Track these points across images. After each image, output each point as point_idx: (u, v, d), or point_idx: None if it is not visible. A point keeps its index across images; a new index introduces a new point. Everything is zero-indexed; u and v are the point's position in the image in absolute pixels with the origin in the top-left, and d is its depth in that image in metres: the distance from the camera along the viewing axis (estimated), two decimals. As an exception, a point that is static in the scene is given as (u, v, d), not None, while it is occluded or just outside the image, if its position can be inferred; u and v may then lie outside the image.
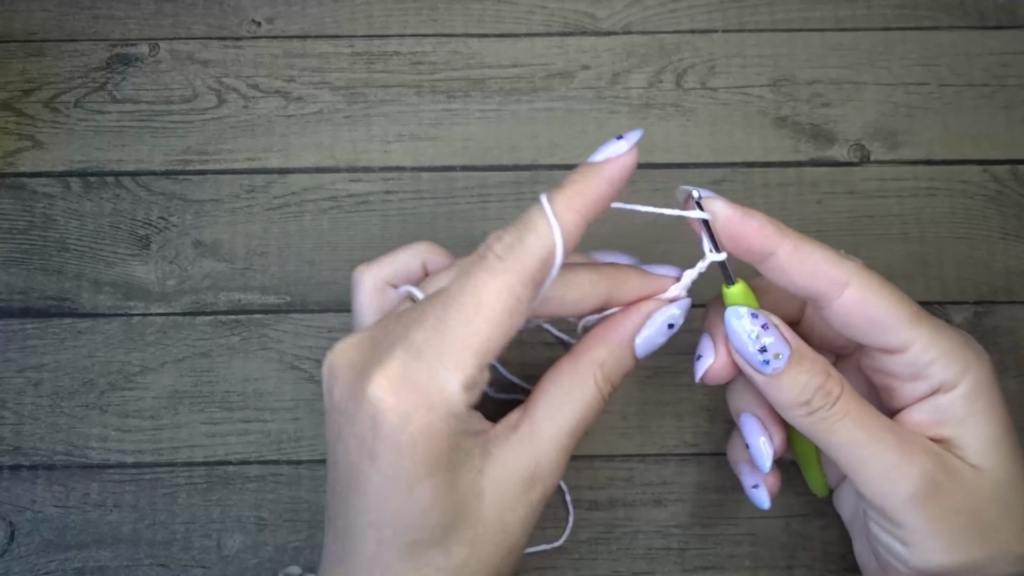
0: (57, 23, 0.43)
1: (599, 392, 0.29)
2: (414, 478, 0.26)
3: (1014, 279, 0.41)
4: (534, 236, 0.27)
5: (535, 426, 0.28)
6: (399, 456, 0.26)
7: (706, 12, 0.44)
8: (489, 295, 0.26)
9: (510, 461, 0.28)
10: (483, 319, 0.26)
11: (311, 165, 0.42)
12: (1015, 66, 0.43)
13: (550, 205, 0.27)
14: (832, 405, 0.29)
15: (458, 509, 0.27)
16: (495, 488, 0.27)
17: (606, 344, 0.30)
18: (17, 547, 0.38)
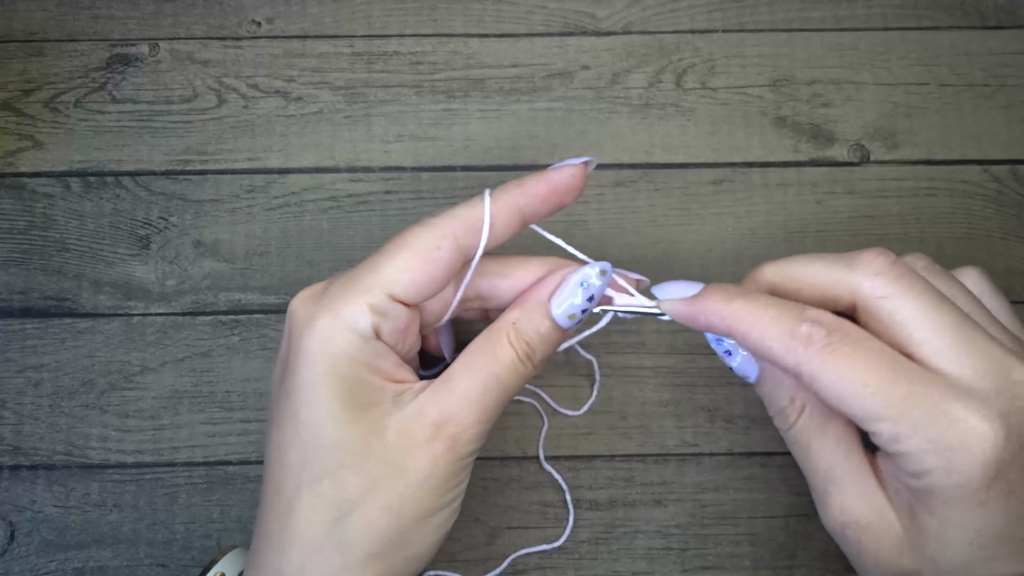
0: (57, 23, 0.43)
1: (512, 350, 0.30)
2: (315, 391, 0.28)
3: (1014, 279, 0.41)
4: (465, 206, 0.30)
5: (448, 382, 0.29)
6: (304, 364, 0.28)
7: (706, 12, 0.44)
8: (411, 239, 0.29)
9: (419, 409, 0.29)
10: (399, 257, 0.29)
11: (311, 165, 0.42)
12: (1015, 66, 0.43)
13: (492, 192, 0.30)
14: (787, 430, 0.30)
15: (355, 441, 0.28)
16: (400, 431, 0.28)
17: (519, 305, 0.31)
18: (17, 547, 0.38)
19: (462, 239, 0.29)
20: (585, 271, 0.30)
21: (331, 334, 0.28)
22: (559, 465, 0.39)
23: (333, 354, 0.28)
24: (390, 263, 0.29)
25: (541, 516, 0.38)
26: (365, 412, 0.28)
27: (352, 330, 0.28)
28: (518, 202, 0.30)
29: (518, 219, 0.30)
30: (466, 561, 0.38)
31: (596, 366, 0.39)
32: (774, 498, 0.39)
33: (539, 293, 0.31)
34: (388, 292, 0.29)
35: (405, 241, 0.29)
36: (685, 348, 0.40)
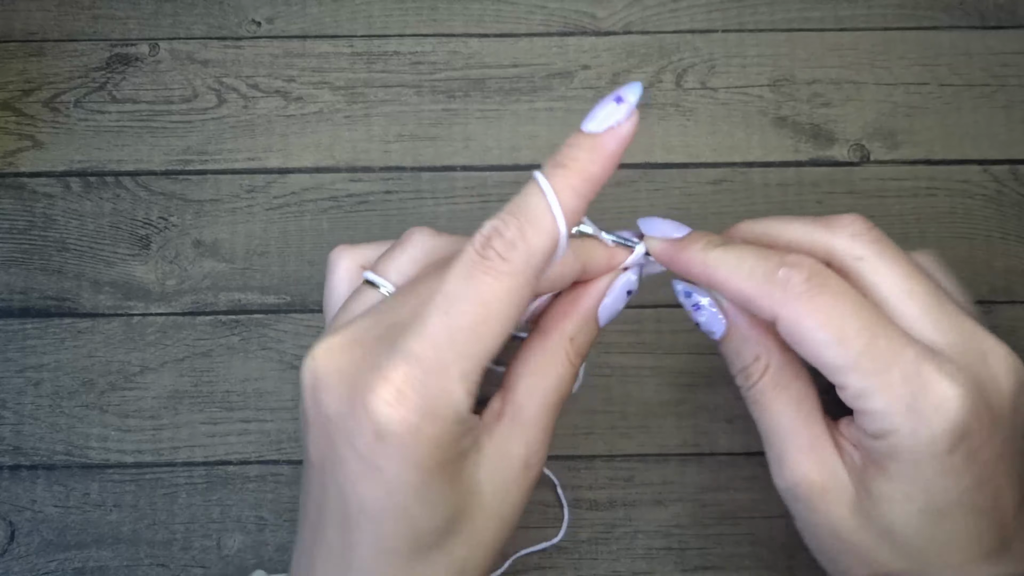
0: (57, 23, 0.43)
1: (571, 366, 0.29)
2: (421, 488, 0.25)
3: (1014, 279, 0.41)
4: (537, 231, 0.25)
5: (518, 411, 0.28)
6: (407, 469, 0.25)
7: (706, 12, 0.44)
8: (494, 300, 0.25)
9: (503, 450, 0.27)
10: (487, 326, 0.25)
11: (311, 165, 0.42)
12: (1015, 66, 0.43)
13: (550, 186, 0.25)
14: (748, 388, 0.29)
15: (459, 508, 0.26)
16: (491, 479, 0.27)
17: (573, 317, 0.29)
18: (17, 547, 0.38)
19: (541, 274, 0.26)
20: (629, 277, 0.30)
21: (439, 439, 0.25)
22: (559, 465, 0.39)
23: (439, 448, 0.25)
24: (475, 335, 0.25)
25: (541, 516, 0.38)
26: (460, 475, 0.26)
27: (456, 423, 0.25)
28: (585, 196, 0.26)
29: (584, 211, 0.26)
30: (466, 561, 0.38)
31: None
32: (774, 498, 0.38)
33: (590, 303, 0.29)
34: (482, 369, 0.25)
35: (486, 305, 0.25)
36: (685, 348, 0.40)
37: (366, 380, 0.24)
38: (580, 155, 0.25)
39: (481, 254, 0.25)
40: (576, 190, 0.25)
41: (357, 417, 0.24)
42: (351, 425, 0.25)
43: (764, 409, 0.29)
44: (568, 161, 0.26)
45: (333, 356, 0.26)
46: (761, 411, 0.30)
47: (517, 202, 0.26)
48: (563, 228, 0.25)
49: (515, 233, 0.25)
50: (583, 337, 0.29)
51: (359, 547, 0.26)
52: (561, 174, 0.25)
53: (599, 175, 0.26)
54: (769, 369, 0.29)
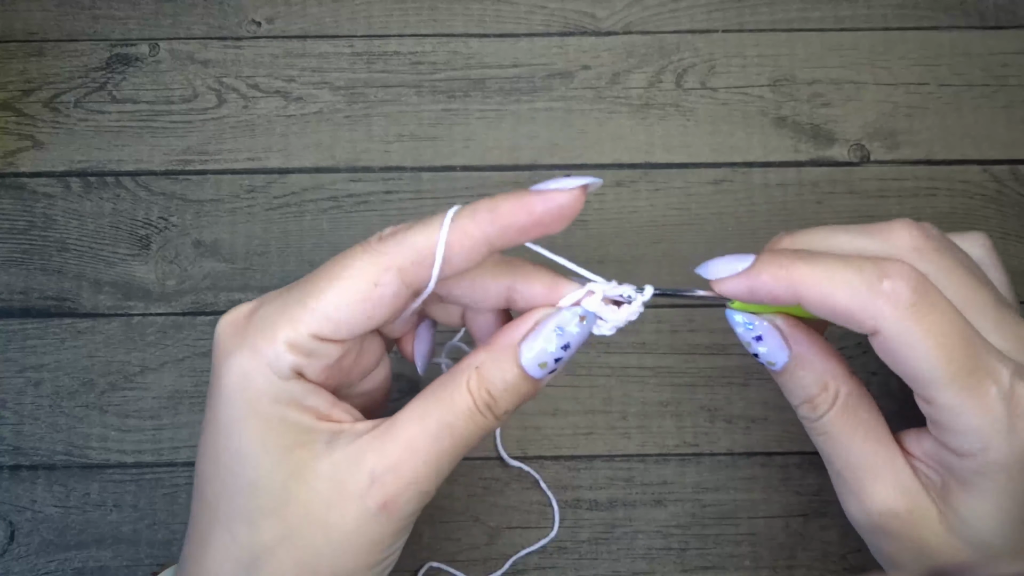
0: (57, 23, 0.43)
1: (471, 397, 0.26)
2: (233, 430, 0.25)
3: (1014, 279, 0.40)
4: (420, 232, 0.26)
5: (393, 428, 0.26)
6: (223, 400, 0.25)
7: (706, 12, 0.44)
8: (349, 269, 0.26)
9: (355, 455, 0.25)
10: (334, 289, 0.25)
11: (311, 165, 0.42)
12: (1015, 66, 0.43)
13: (458, 210, 0.26)
14: (815, 420, 0.28)
15: (276, 485, 0.25)
16: (328, 480, 0.25)
17: (486, 348, 0.27)
18: (17, 547, 0.38)
19: (409, 273, 0.25)
20: (563, 316, 0.26)
21: (249, 371, 0.25)
22: (559, 465, 0.39)
23: (253, 393, 0.25)
24: (320, 297, 0.25)
25: (541, 516, 0.38)
26: (289, 454, 0.25)
27: (271, 370, 0.25)
28: (486, 232, 0.25)
29: (484, 250, 0.26)
30: (466, 561, 0.38)
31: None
32: (774, 498, 0.39)
33: (510, 335, 0.27)
34: (313, 331, 0.25)
35: (343, 271, 0.26)
36: (685, 348, 0.40)
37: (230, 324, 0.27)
38: (499, 197, 0.25)
39: (370, 245, 0.26)
40: (476, 219, 0.25)
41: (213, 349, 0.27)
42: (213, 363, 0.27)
43: (834, 440, 0.28)
44: (485, 199, 0.26)
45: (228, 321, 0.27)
46: (831, 442, 0.28)
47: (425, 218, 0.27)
48: (443, 235, 0.25)
49: (401, 228, 0.26)
50: (492, 370, 0.26)
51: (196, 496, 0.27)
52: (472, 205, 0.26)
53: (506, 217, 0.25)
54: (839, 397, 0.28)
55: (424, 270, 0.25)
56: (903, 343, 0.25)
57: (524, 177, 0.42)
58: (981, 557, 0.27)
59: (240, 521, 0.25)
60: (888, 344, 0.25)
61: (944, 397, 0.25)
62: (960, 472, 0.26)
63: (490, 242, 0.25)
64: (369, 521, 0.25)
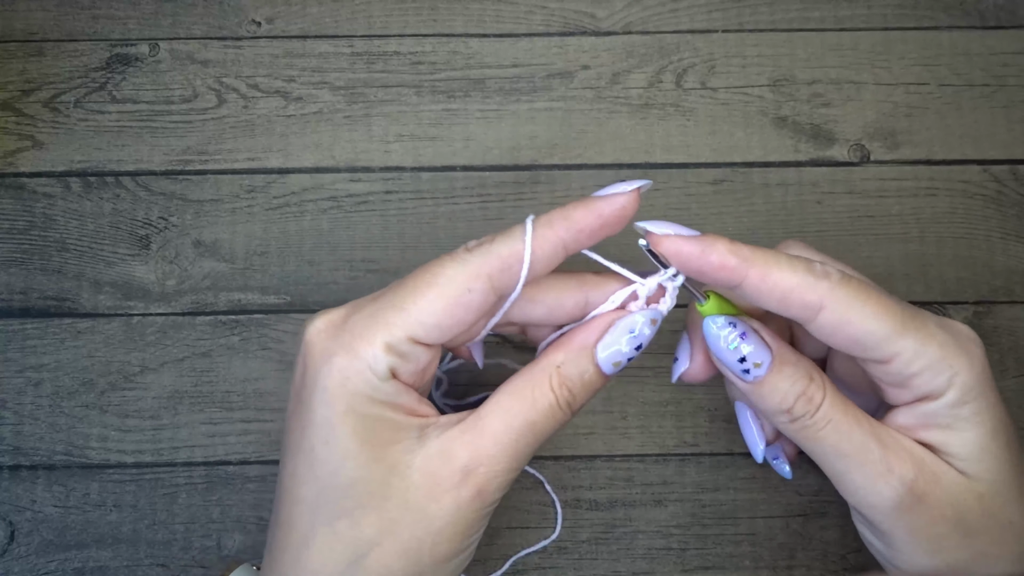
0: (57, 23, 0.43)
1: (553, 395, 0.28)
2: (332, 429, 0.26)
3: (1014, 279, 0.41)
4: (504, 241, 0.28)
5: (480, 421, 0.28)
6: (321, 401, 0.27)
7: (706, 12, 0.44)
8: (442, 276, 0.27)
9: (445, 450, 0.27)
10: (427, 296, 0.27)
11: (311, 165, 0.42)
12: (1015, 66, 0.43)
13: (535, 219, 0.28)
14: (814, 412, 0.28)
15: (375, 481, 0.26)
16: (424, 473, 0.27)
17: (564, 348, 0.29)
18: (17, 547, 0.38)
19: (497, 280, 0.27)
20: (635, 319, 0.29)
21: (349, 373, 0.27)
22: (560, 465, 0.39)
23: (351, 393, 0.27)
24: (416, 303, 0.27)
25: (541, 516, 0.38)
26: (386, 450, 0.27)
27: (371, 371, 0.27)
28: (562, 237, 0.28)
29: (561, 254, 0.28)
30: (466, 561, 0.38)
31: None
32: (774, 498, 0.39)
33: (586, 337, 0.29)
34: (410, 335, 0.27)
35: (435, 278, 0.27)
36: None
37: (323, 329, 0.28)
38: (569, 205, 0.28)
39: (457, 253, 0.28)
40: (552, 225, 0.28)
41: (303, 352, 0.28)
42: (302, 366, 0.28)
43: (840, 427, 0.28)
44: (557, 208, 0.28)
45: (321, 327, 0.29)
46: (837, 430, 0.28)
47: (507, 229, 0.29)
48: (528, 242, 0.27)
49: (486, 239, 0.28)
50: (572, 368, 0.28)
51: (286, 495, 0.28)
52: (550, 214, 0.28)
53: (580, 221, 0.28)
54: (828, 387, 0.29)
55: (510, 276, 0.28)
56: (850, 309, 0.27)
57: (524, 177, 0.42)
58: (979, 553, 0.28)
59: (341, 518, 0.27)
60: (835, 316, 0.27)
61: (900, 344, 0.27)
62: (943, 415, 0.28)
63: (565, 246, 0.28)
64: (463, 509, 0.27)
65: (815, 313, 0.27)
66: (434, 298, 0.27)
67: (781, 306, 0.27)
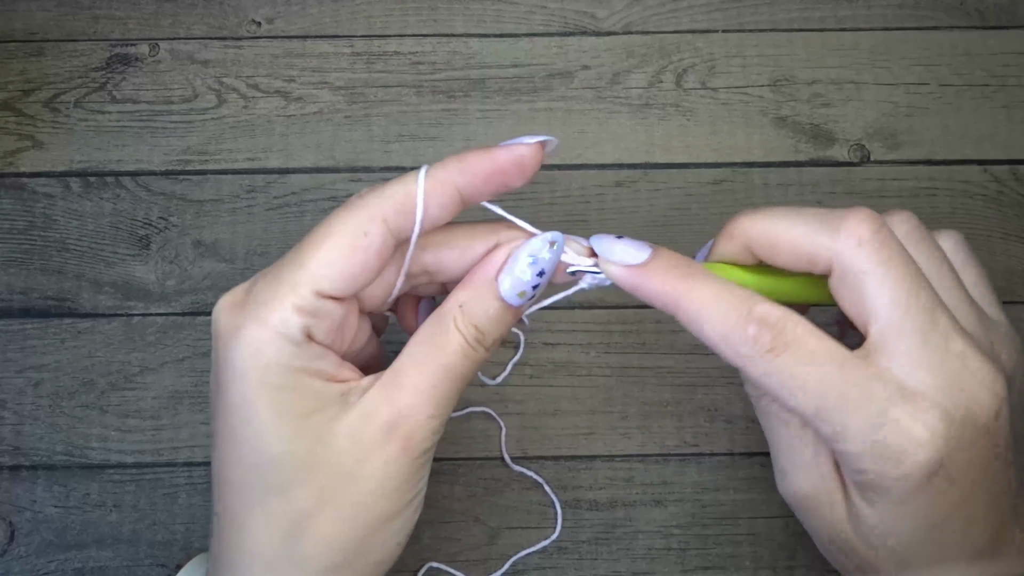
0: (57, 23, 0.43)
1: (460, 335, 0.27)
2: (249, 407, 0.26)
3: (1014, 279, 0.41)
4: (396, 184, 0.27)
5: (397, 376, 0.27)
6: (235, 379, 0.26)
7: (706, 12, 0.44)
8: (335, 225, 0.27)
9: (368, 409, 0.27)
10: (324, 247, 0.26)
11: (311, 165, 0.42)
12: (1015, 66, 0.43)
13: (427, 168, 0.28)
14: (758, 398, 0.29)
15: (301, 453, 0.26)
16: (349, 436, 0.26)
17: (466, 286, 0.28)
18: (17, 547, 0.38)
19: (392, 221, 0.27)
20: (533, 243, 0.28)
21: (259, 344, 0.26)
22: (560, 465, 0.39)
23: (264, 365, 0.26)
24: (314, 256, 0.26)
25: (541, 516, 0.38)
26: (308, 420, 0.26)
27: (282, 337, 0.26)
28: (456, 181, 0.27)
29: (456, 200, 0.28)
30: (466, 561, 0.38)
31: (523, 339, 0.39)
32: (774, 498, 0.39)
33: (486, 271, 0.28)
34: (316, 289, 0.26)
35: (329, 229, 0.27)
36: (685, 348, 0.40)
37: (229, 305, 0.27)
38: (470, 153, 0.28)
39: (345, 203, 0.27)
40: (447, 168, 0.28)
41: (213, 334, 0.27)
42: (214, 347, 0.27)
43: (769, 421, 0.29)
44: (459, 155, 0.28)
45: (227, 302, 0.28)
46: (767, 422, 0.29)
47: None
48: (421, 182, 0.27)
49: (378, 185, 0.28)
50: (475, 305, 0.28)
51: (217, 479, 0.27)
52: (445, 160, 0.28)
53: (474, 166, 0.27)
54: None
55: (406, 218, 0.27)
56: (769, 384, 0.26)
57: (524, 177, 0.42)
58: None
59: (272, 494, 0.26)
60: (755, 380, 0.26)
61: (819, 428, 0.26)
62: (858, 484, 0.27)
63: (460, 190, 0.28)
64: (393, 464, 0.27)
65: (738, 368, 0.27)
66: (331, 247, 0.26)
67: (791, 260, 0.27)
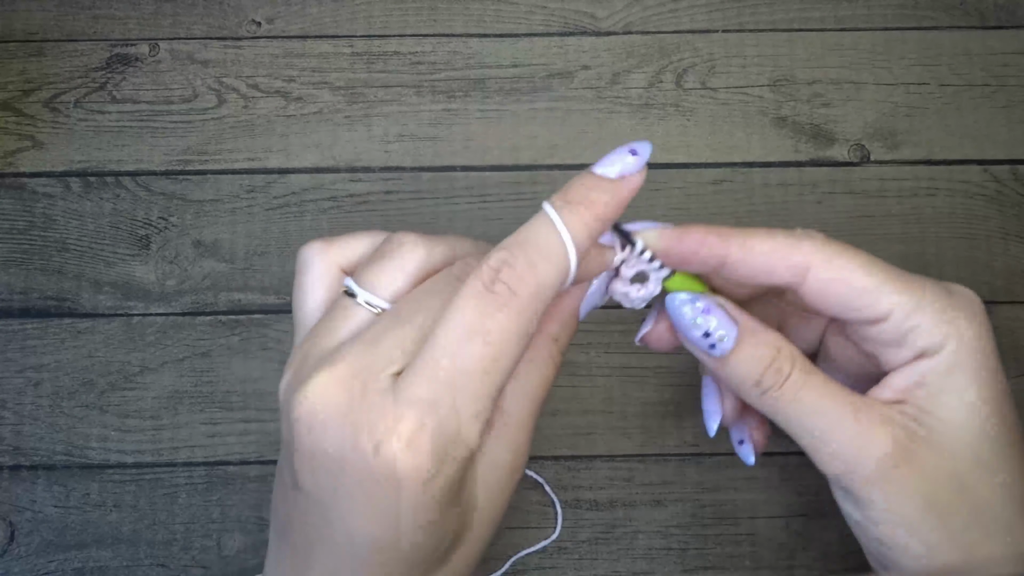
0: (57, 23, 0.43)
1: (555, 365, 0.28)
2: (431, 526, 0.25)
3: (1014, 279, 0.41)
4: (548, 265, 0.24)
5: (506, 418, 0.27)
6: (421, 512, 0.24)
7: (706, 12, 0.44)
8: (503, 337, 0.24)
9: (494, 460, 0.26)
10: (496, 364, 0.24)
11: (311, 165, 0.42)
12: (1015, 66, 0.43)
13: (561, 220, 0.25)
14: (783, 383, 0.28)
15: (462, 526, 0.26)
16: (485, 489, 0.27)
17: (557, 318, 0.28)
18: (17, 547, 0.38)
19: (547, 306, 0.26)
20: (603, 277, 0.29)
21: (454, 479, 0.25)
22: (560, 465, 0.39)
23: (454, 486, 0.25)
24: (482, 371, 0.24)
25: (541, 516, 0.38)
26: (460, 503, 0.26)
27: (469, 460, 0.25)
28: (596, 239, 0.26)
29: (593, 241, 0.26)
30: (466, 561, 0.38)
31: None
32: (774, 498, 0.39)
33: (570, 303, 0.28)
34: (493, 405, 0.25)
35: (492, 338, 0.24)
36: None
37: (374, 424, 0.24)
38: (597, 196, 0.25)
39: (489, 288, 0.24)
40: (589, 228, 0.25)
41: (366, 460, 0.24)
42: (360, 467, 0.24)
43: (804, 400, 0.28)
44: (578, 198, 0.25)
45: (330, 391, 0.24)
46: (816, 392, 0.28)
47: (525, 233, 0.25)
48: (574, 262, 0.25)
49: (524, 267, 0.24)
50: (565, 335, 0.28)
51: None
52: (575, 210, 0.25)
53: (610, 217, 0.26)
54: (797, 357, 0.28)
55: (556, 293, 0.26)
56: (839, 265, 0.27)
57: (524, 177, 0.42)
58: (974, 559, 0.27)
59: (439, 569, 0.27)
60: (825, 275, 0.27)
61: (895, 299, 0.27)
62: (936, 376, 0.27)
63: (595, 241, 0.26)
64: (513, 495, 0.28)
65: (803, 274, 0.27)
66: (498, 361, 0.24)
67: (768, 275, 0.27)
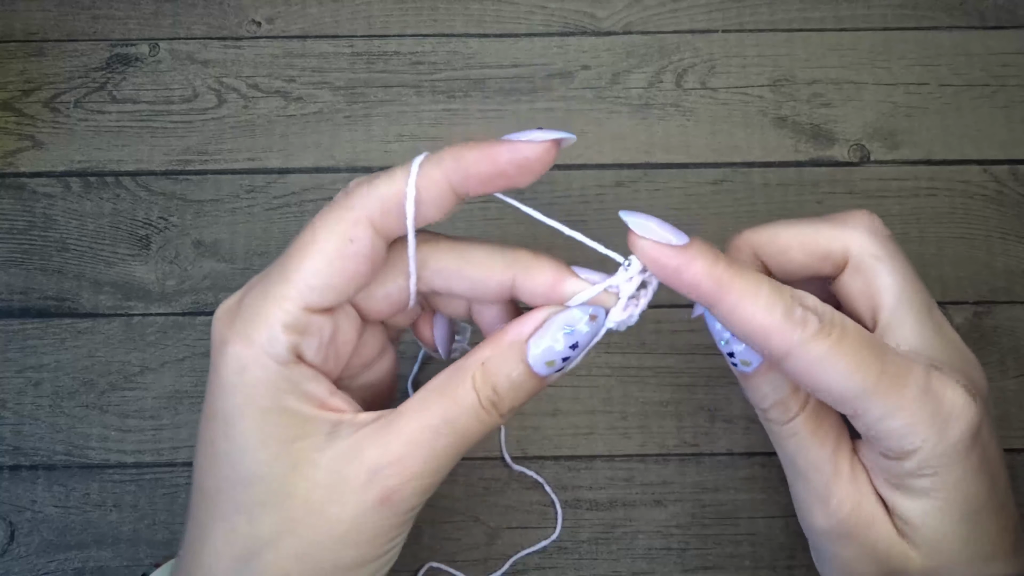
0: (57, 23, 0.43)
1: (475, 394, 0.25)
2: (230, 423, 0.24)
3: (1014, 279, 0.41)
4: (384, 180, 0.25)
5: (395, 421, 0.25)
6: (222, 393, 0.25)
7: (706, 12, 0.44)
8: (320, 231, 0.25)
9: (354, 448, 0.25)
10: (310, 255, 0.25)
11: (311, 165, 0.42)
12: (1015, 66, 0.43)
13: (420, 159, 0.25)
14: (786, 422, 0.28)
15: (276, 479, 0.25)
16: (328, 472, 0.25)
17: (492, 343, 0.26)
18: (17, 547, 0.38)
19: (380, 223, 0.25)
20: (572, 315, 0.26)
21: (245, 362, 0.24)
22: (560, 465, 0.39)
23: (250, 384, 0.24)
24: (299, 267, 0.25)
25: (541, 516, 0.38)
26: (290, 446, 0.25)
27: (268, 356, 0.24)
28: (451, 180, 0.25)
29: (451, 200, 0.25)
30: (466, 561, 0.38)
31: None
32: (774, 498, 0.39)
33: (517, 331, 0.26)
34: (303, 304, 0.25)
35: (314, 235, 0.25)
36: (685, 348, 0.40)
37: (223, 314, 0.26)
38: (464, 146, 0.25)
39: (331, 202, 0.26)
40: (442, 165, 0.25)
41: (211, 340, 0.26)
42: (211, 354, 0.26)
43: (803, 442, 0.28)
44: (455, 151, 0.25)
45: (222, 311, 0.27)
46: (800, 445, 0.28)
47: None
48: (413, 180, 0.25)
49: (365, 180, 0.26)
50: (498, 366, 0.25)
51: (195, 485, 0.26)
52: (440, 156, 0.25)
53: (472, 165, 0.25)
54: (810, 400, 0.28)
55: (395, 219, 0.25)
56: (817, 365, 0.25)
57: (524, 177, 0.42)
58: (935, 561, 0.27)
59: (239, 513, 0.25)
60: (800, 367, 0.25)
61: (870, 404, 0.25)
62: (898, 476, 0.27)
63: (455, 190, 0.25)
64: (368, 514, 0.25)
65: (781, 358, 0.25)
66: (316, 257, 0.25)
67: (747, 341, 0.26)
